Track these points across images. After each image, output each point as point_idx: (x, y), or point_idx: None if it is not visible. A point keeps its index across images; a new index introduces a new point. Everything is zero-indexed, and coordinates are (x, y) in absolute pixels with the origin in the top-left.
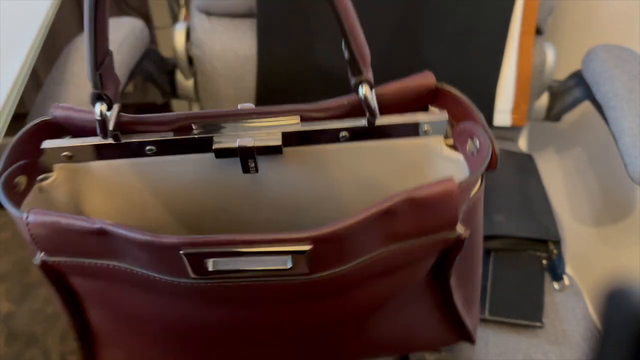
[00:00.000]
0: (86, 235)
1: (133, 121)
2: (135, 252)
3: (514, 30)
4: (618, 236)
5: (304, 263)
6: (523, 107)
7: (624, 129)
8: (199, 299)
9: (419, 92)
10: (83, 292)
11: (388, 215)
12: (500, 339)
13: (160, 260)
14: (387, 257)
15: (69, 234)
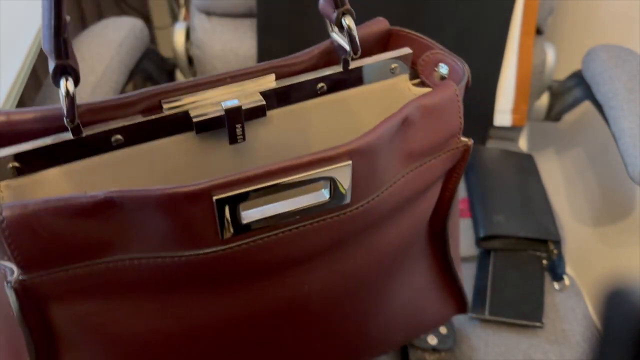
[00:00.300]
0: (84, 219)
1: (90, 109)
2: (151, 224)
3: (514, 31)
4: (618, 236)
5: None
6: (523, 107)
7: (624, 129)
8: (224, 279)
9: (373, 40)
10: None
11: (405, 126)
12: (500, 338)
13: (184, 222)
14: (406, 183)
15: (59, 224)
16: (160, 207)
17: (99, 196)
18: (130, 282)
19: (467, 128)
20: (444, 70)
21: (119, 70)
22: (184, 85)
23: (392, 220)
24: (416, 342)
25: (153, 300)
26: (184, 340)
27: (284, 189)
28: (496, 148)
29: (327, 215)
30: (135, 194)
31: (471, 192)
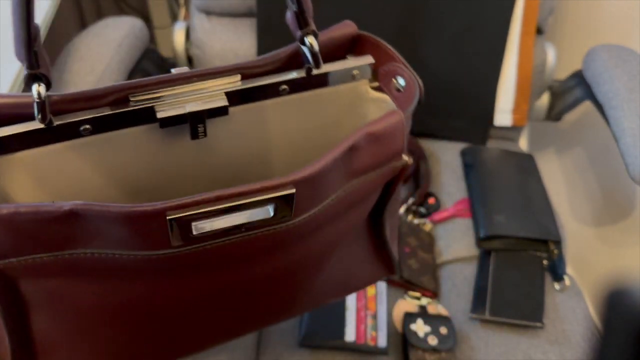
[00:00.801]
0: (51, 223)
1: (63, 99)
2: (110, 230)
3: (514, 31)
4: (618, 236)
5: (286, 209)
6: (524, 107)
7: (624, 129)
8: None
9: (341, 42)
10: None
11: (351, 151)
12: (500, 339)
13: (139, 232)
14: (348, 194)
15: (29, 225)
16: (119, 221)
17: (65, 207)
18: (90, 269)
19: (467, 128)
20: (401, 82)
21: (119, 70)
22: (151, 81)
23: (332, 223)
24: (416, 342)
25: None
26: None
27: (232, 211)
28: (496, 148)
29: (271, 226)
30: (96, 208)
31: (471, 192)
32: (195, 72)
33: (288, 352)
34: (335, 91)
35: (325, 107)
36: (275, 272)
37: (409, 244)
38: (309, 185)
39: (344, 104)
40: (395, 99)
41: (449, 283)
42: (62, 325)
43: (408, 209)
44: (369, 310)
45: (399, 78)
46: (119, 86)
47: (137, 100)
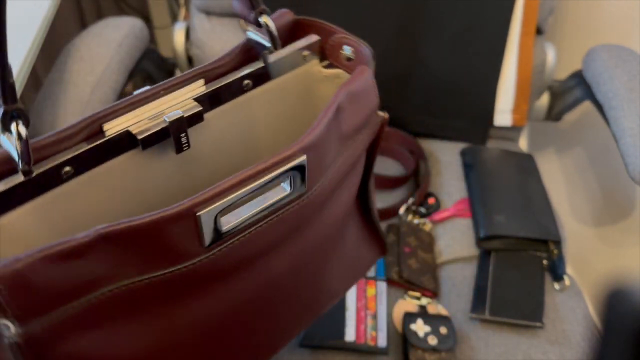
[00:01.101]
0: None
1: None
2: (139, 250)
3: (514, 31)
4: (618, 236)
5: (301, 182)
6: (523, 107)
7: (624, 129)
8: (207, 281)
9: (283, 31)
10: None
11: (338, 112)
12: (500, 339)
13: (170, 244)
14: (343, 160)
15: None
16: (148, 233)
17: (90, 235)
18: (125, 306)
19: (467, 128)
20: (348, 51)
21: (119, 70)
22: (120, 105)
23: (334, 196)
24: (416, 342)
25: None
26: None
27: (257, 193)
28: (496, 148)
29: (288, 205)
30: (123, 226)
31: (471, 192)
32: (161, 86)
33: (288, 352)
34: (292, 77)
35: (288, 95)
36: (297, 261)
37: (409, 244)
38: (315, 151)
39: (303, 88)
40: (348, 69)
41: (449, 283)
42: None
43: (408, 209)
44: (369, 310)
45: (345, 48)
46: (89, 118)
47: (111, 128)
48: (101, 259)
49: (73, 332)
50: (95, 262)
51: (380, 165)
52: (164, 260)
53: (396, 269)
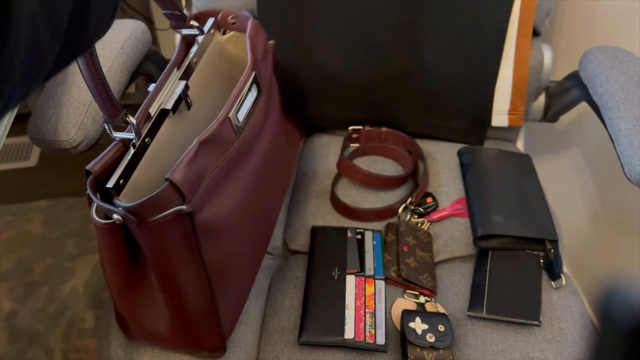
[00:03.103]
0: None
1: None
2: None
3: (511, 33)
4: (615, 235)
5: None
6: (520, 108)
7: (620, 130)
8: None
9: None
10: (208, 221)
11: (252, 42)
12: (498, 337)
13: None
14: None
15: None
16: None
17: (195, 144)
18: (220, 178)
19: (465, 129)
20: (232, 20)
21: (121, 71)
22: (151, 97)
23: (272, 101)
24: (415, 340)
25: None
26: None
27: (244, 98)
28: (494, 148)
29: (257, 102)
30: (205, 135)
31: (469, 192)
32: (161, 79)
33: (288, 350)
34: (212, 46)
35: (218, 60)
36: (272, 140)
37: (408, 243)
38: (257, 69)
39: (219, 50)
40: (237, 29)
41: (447, 281)
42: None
43: (406, 209)
44: (368, 309)
45: (230, 17)
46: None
47: (153, 110)
48: (203, 154)
49: (203, 205)
50: (202, 157)
51: (379, 165)
52: (225, 147)
53: (395, 267)
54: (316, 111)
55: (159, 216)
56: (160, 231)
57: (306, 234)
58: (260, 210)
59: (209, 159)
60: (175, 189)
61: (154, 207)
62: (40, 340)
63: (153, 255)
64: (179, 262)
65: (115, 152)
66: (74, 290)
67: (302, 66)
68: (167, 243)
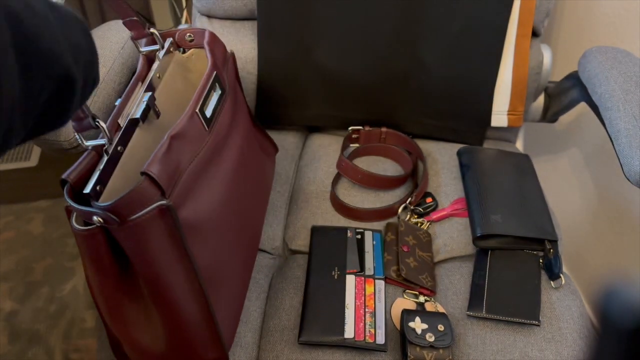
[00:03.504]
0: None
1: None
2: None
3: (511, 33)
4: (614, 235)
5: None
6: (520, 108)
7: (620, 130)
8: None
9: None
10: (190, 218)
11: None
12: (497, 336)
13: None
14: (229, 79)
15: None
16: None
17: (166, 139)
18: (198, 174)
19: (464, 129)
20: (189, 37)
21: (121, 72)
22: (119, 107)
23: (237, 104)
24: (414, 339)
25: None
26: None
27: (209, 96)
28: (493, 148)
29: (223, 100)
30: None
31: (468, 192)
32: (126, 94)
33: (288, 349)
34: (173, 64)
35: (180, 76)
36: (243, 144)
37: (407, 243)
38: (219, 68)
39: (180, 68)
40: (194, 46)
41: (446, 281)
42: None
43: (406, 209)
44: (368, 308)
45: (187, 35)
46: (113, 120)
47: (122, 120)
48: (176, 149)
49: (183, 201)
50: (175, 151)
51: (379, 165)
52: (198, 142)
53: (395, 267)
54: (316, 111)
55: (141, 213)
56: (144, 230)
57: (306, 233)
58: (244, 211)
59: (183, 155)
60: (153, 182)
61: (134, 204)
62: (41, 340)
63: (139, 259)
64: (167, 264)
65: (89, 160)
66: (74, 290)
67: (302, 66)
68: (152, 243)
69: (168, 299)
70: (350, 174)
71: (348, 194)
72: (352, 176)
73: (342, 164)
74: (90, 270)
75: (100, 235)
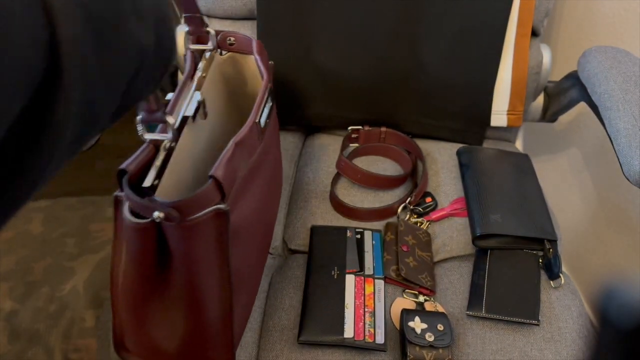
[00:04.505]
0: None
1: None
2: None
3: (510, 33)
4: (613, 235)
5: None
6: (519, 108)
7: (619, 130)
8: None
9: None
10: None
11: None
12: (496, 336)
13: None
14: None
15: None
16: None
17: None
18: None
19: (464, 129)
20: (231, 40)
21: None
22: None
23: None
24: (414, 339)
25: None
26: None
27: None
28: (493, 148)
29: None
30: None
31: (467, 192)
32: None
33: (288, 349)
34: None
35: (217, 78)
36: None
37: (407, 243)
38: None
39: (218, 72)
40: (235, 50)
41: (446, 281)
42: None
43: (406, 208)
44: (367, 308)
45: (228, 39)
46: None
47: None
48: (237, 156)
49: (234, 207)
50: (236, 159)
51: (379, 165)
52: (251, 151)
53: (394, 267)
54: (315, 111)
55: (199, 214)
56: (197, 231)
57: (306, 233)
58: (268, 217)
59: (239, 163)
60: (218, 187)
61: (197, 205)
62: (40, 340)
63: (185, 259)
64: (208, 266)
65: (147, 153)
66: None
67: (301, 66)
68: (202, 244)
69: (197, 300)
70: (350, 174)
71: (347, 193)
72: (351, 176)
73: (341, 164)
74: (129, 264)
75: (152, 231)
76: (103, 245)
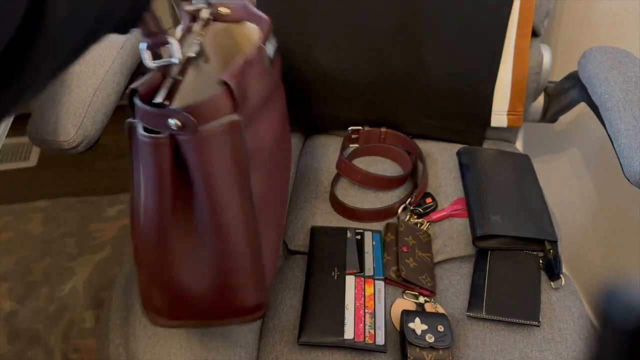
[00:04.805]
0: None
1: None
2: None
3: (510, 33)
4: (614, 236)
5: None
6: (519, 108)
7: (620, 130)
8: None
9: None
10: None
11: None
12: (497, 337)
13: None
14: None
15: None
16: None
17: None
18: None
19: (464, 130)
20: (224, 9)
21: (121, 72)
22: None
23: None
24: (414, 340)
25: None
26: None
27: None
28: (493, 149)
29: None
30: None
31: (468, 192)
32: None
33: (288, 350)
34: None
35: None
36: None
37: (407, 243)
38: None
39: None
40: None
41: (446, 282)
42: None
43: (406, 209)
44: (368, 309)
45: (220, 8)
46: None
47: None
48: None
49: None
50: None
51: (379, 165)
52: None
53: (394, 268)
54: (315, 111)
55: (213, 124)
56: (213, 143)
57: (306, 234)
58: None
59: (250, 83)
60: (229, 93)
61: (209, 111)
62: (40, 340)
63: (203, 175)
64: (228, 184)
65: (155, 79)
66: (74, 290)
67: (301, 66)
68: (218, 157)
69: (221, 224)
70: (350, 174)
71: (348, 194)
72: (351, 176)
73: (341, 164)
74: (149, 191)
75: (167, 147)
76: (103, 245)
